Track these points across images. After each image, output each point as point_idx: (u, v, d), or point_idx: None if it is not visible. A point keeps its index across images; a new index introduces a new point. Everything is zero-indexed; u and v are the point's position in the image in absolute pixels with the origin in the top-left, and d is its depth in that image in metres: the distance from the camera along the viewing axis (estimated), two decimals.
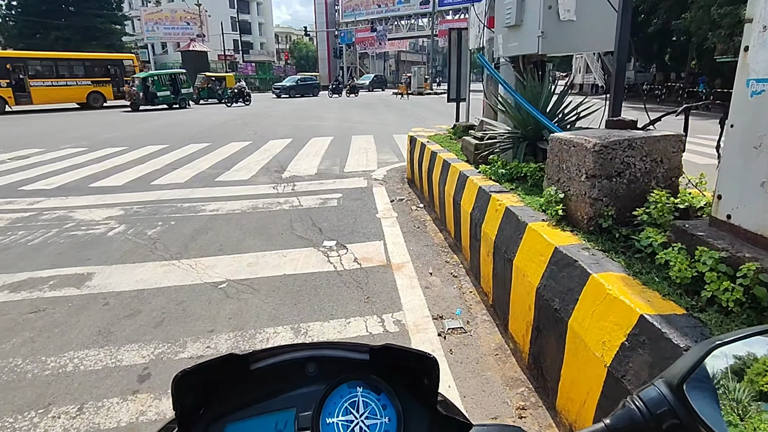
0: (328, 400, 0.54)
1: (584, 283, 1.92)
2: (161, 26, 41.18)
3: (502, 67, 4.40)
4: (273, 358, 0.55)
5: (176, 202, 5.86)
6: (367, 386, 0.55)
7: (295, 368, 0.56)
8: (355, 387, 0.55)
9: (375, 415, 0.54)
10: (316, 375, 0.56)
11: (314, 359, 0.56)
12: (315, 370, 0.56)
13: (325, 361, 0.56)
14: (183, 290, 3.42)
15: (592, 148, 2.24)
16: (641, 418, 0.46)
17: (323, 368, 0.56)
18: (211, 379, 0.53)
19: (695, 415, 0.43)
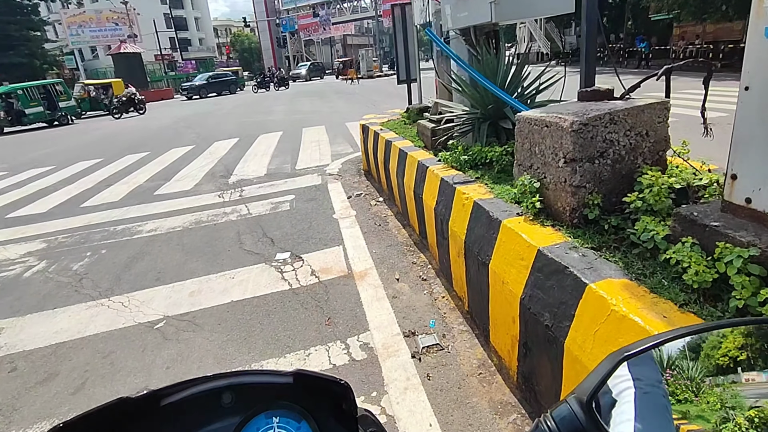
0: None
1: (580, 295, 1.58)
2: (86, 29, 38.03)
3: (452, 42, 4.01)
4: (184, 391, 0.52)
5: (109, 225, 5.20)
6: (286, 415, 0.53)
7: (210, 400, 0.53)
8: (271, 417, 0.53)
9: None
10: (233, 406, 0.53)
11: (231, 388, 0.54)
12: (231, 400, 0.53)
13: (244, 390, 0.53)
14: (112, 337, 2.90)
15: (570, 128, 1.89)
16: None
17: (241, 398, 0.53)
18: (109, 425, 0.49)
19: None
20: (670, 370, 0.46)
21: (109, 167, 8.78)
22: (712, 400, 0.44)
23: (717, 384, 0.45)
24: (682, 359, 0.46)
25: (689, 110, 7.67)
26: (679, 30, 22.69)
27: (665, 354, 0.46)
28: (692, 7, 17.42)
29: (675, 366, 0.46)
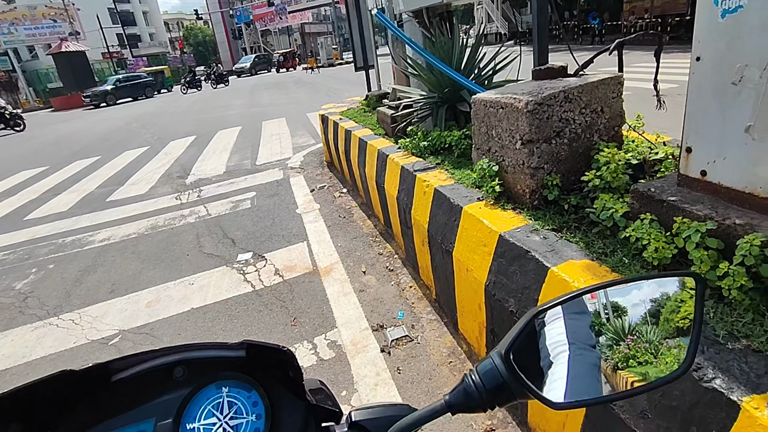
0: (191, 405, 0.52)
1: (542, 279, 1.54)
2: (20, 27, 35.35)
3: (405, 25, 3.90)
4: (136, 366, 0.52)
5: (57, 238, 4.88)
6: (236, 386, 0.53)
7: (162, 374, 0.53)
8: (221, 387, 0.53)
9: (241, 414, 0.52)
10: (185, 380, 0.53)
11: (183, 362, 0.53)
12: (183, 374, 0.53)
13: (196, 364, 0.54)
14: (62, 358, 2.71)
15: (525, 108, 1.83)
16: (476, 391, 0.47)
17: (193, 372, 0.53)
18: (56, 397, 0.50)
19: (521, 380, 0.45)
20: (631, 335, 0.48)
21: (56, 175, 8.26)
22: (670, 360, 0.47)
23: (675, 346, 0.47)
24: (643, 325, 0.48)
25: (642, 83, 7.87)
26: (629, 5, 23.28)
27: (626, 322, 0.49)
28: None
29: (635, 331, 0.48)
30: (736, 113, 1.15)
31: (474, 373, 0.48)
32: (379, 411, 0.56)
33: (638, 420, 1.15)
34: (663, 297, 0.49)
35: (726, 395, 0.95)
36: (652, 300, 0.49)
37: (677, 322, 0.48)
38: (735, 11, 1.08)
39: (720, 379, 0.98)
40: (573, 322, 0.49)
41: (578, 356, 0.48)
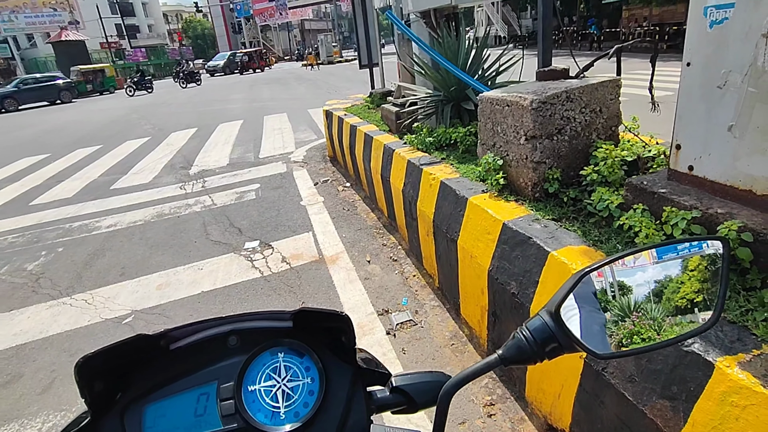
0: (250, 369, 0.55)
1: (543, 263, 1.68)
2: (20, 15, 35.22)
3: (413, 24, 4.03)
4: (193, 336, 0.56)
5: (64, 223, 4.97)
6: (289, 351, 0.57)
7: (217, 342, 0.56)
8: (276, 353, 0.56)
9: (297, 377, 0.56)
10: (239, 347, 0.56)
11: (236, 332, 0.57)
12: (237, 342, 0.57)
13: (247, 333, 0.57)
14: (77, 335, 2.81)
15: (530, 106, 1.97)
16: (528, 346, 0.52)
17: (246, 339, 0.57)
18: (125, 362, 0.53)
19: (569, 334, 0.50)
20: (636, 312, 0.52)
21: (58, 162, 8.31)
22: (672, 336, 0.51)
23: (676, 323, 0.51)
24: (647, 303, 0.52)
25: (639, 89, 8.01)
26: (628, 13, 23.58)
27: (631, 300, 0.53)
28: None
29: (640, 308, 0.52)
30: (720, 114, 1.29)
31: (524, 329, 0.52)
32: (418, 377, 0.60)
33: (627, 384, 1.29)
34: (666, 279, 0.53)
35: (703, 356, 1.09)
36: (656, 281, 0.53)
37: (677, 301, 0.52)
38: (721, 23, 1.22)
39: (698, 344, 1.12)
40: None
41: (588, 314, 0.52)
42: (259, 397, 0.53)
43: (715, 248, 0.53)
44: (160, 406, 0.53)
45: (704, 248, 0.54)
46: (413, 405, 0.58)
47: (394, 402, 0.59)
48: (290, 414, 0.54)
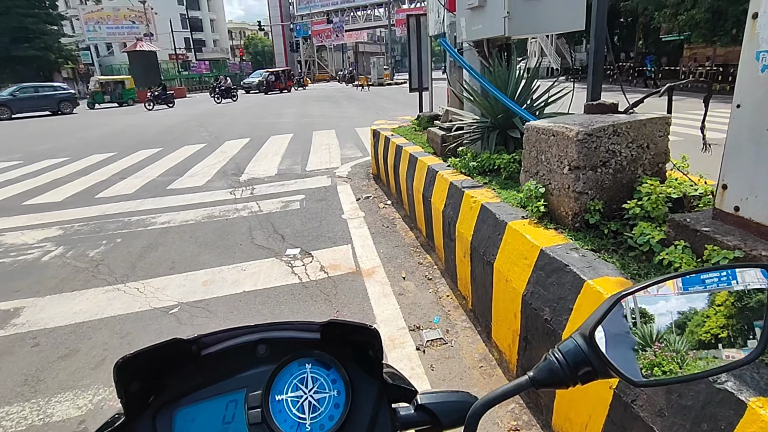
0: (277, 379, 0.55)
1: (578, 290, 1.70)
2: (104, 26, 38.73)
3: (465, 53, 4.16)
4: (223, 342, 0.56)
5: (123, 216, 5.35)
6: (317, 362, 0.56)
7: (246, 350, 0.57)
8: (304, 364, 0.56)
9: (324, 389, 0.55)
10: (267, 356, 0.57)
11: (265, 341, 0.57)
12: (266, 351, 0.57)
13: (276, 342, 0.57)
14: (129, 320, 3.03)
15: (575, 137, 2.02)
16: (560, 369, 0.50)
17: (274, 349, 0.57)
18: (158, 365, 0.54)
19: (604, 359, 0.48)
20: (659, 342, 0.51)
21: (122, 161, 8.97)
22: (713, 367, 0.49)
23: (700, 358, 0.50)
24: (669, 333, 0.51)
25: (693, 129, 7.81)
26: (689, 51, 22.90)
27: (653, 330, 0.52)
28: (703, 29, 17.61)
29: (662, 339, 0.51)
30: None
31: (557, 351, 0.51)
32: (444, 396, 0.59)
33: (656, 418, 1.29)
34: (690, 311, 0.51)
35: (736, 395, 1.09)
36: (680, 312, 0.51)
37: (701, 335, 0.50)
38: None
39: (732, 383, 1.12)
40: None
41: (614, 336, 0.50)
42: (285, 407, 0.54)
43: (746, 283, 0.51)
44: (190, 411, 0.54)
45: (733, 284, 0.52)
46: (438, 424, 0.57)
47: (419, 420, 0.58)
48: (315, 426, 0.54)
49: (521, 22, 3.28)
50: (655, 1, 18.85)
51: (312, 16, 52.70)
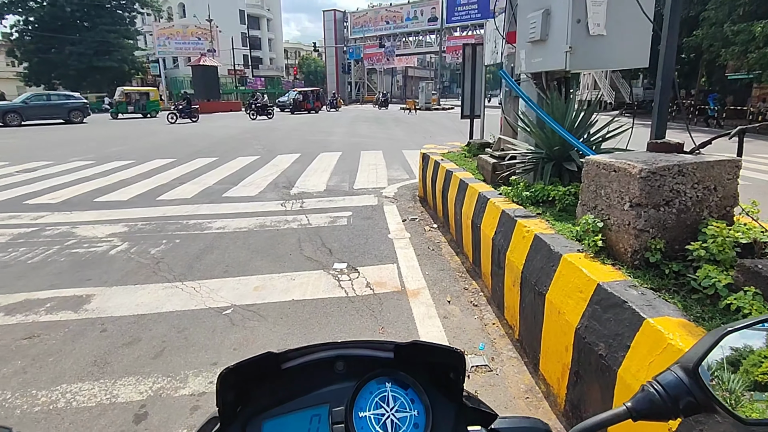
0: (358, 396, 0.56)
1: (636, 328, 1.69)
2: (173, 41, 41.74)
3: (522, 84, 4.22)
4: (303, 357, 0.58)
5: (182, 219, 5.69)
6: (395, 382, 0.57)
7: (324, 366, 0.59)
8: (383, 383, 0.57)
9: (404, 409, 0.56)
10: (344, 372, 0.59)
11: (342, 358, 0.59)
12: (343, 367, 0.59)
13: (352, 360, 0.59)
14: (186, 316, 3.22)
15: (638, 174, 2.02)
16: (660, 400, 0.49)
17: (351, 366, 0.59)
18: (248, 377, 0.56)
19: (710, 395, 0.47)
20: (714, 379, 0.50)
21: (182, 167, 9.53)
22: (755, 415, 0.48)
23: (756, 399, 0.48)
24: (722, 371, 0.50)
25: (761, 174, 7.42)
26: (759, 91, 21.83)
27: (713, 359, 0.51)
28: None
29: (716, 377, 0.50)
30: None
31: (655, 383, 0.50)
32: (516, 421, 0.59)
33: None
34: (745, 348, 0.50)
35: None
36: (733, 348, 0.50)
37: (757, 375, 0.48)
38: None
39: None
40: None
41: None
42: (368, 424, 0.54)
43: None
44: (277, 423, 0.56)
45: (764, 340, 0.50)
46: None
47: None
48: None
49: (583, 57, 3.32)
50: (723, 37, 18.17)
51: (365, 40, 54.45)
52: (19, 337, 2.95)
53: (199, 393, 2.39)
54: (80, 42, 36.46)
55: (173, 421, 2.19)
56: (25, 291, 3.62)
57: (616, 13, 3.22)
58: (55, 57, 36.53)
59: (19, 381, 2.51)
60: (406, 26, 50.68)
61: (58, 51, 36.57)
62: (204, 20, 42.62)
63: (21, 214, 5.99)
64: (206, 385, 2.45)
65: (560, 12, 3.34)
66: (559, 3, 3.35)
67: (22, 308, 3.34)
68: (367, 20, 54.31)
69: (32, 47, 37.12)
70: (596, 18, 3.14)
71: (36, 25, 37.11)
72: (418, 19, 49.28)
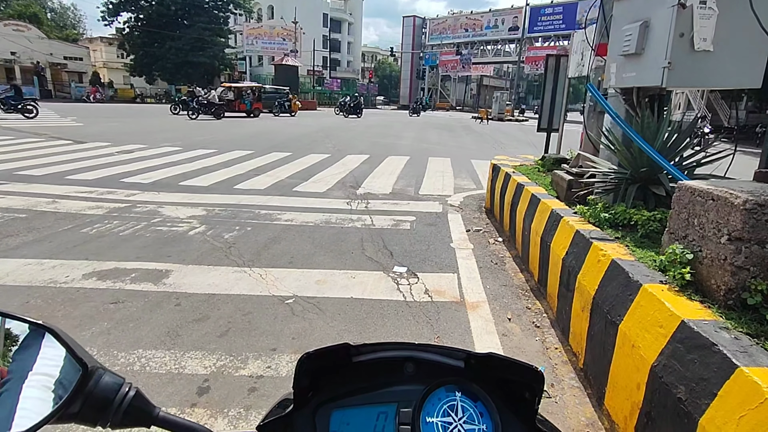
0: (427, 400, 0.55)
1: (727, 375, 1.52)
2: (260, 41, 44.32)
3: (610, 99, 3.98)
4: (375, 353, 0.58)
5: (254, 208, 6.00)
6: (465, 392, 0.56)
7: (394, 366, 0.58)
8: (453, 391, 0.56)
9: (473, 421, 0.54)
10: (414, 374, 0.58)
11: (413, 360, 0.58)
12: (413, 370, 0.58)
13: (423, 363, 0.58)
14: (251, 301, 3.38)
15: (742, 205, 1.82)
16: None
17: (420, 369, 0.58)
18: (323, 365, 0.56)
19: None
20: None
21: (258, 159, 10.06)
22: None
23: None
24: None
25: None
26: None
27: None
28: None
29: None
30: None
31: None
32: None
33: None
34: None
35: None
36: None
37: None
38: None
39: None
40: None
41: None
42: (435, 430, 0.53)
43: None
44: (345, 414, 0.56)
45: None
46: None
47: None
48: None
49: (683, 74, 3.06)
50: None
51: (442, 47, 54.29)
52: (108, 301, 3.26)
53: (258, 376, 2.49)
54: (179, 38, 39.82)
55: (231, 398, 2.30)
56: (115, 260, 3.99)
57: (727, 26, 2.93)
58: (157, 51, 40.17)
59: (104, 341, 2.77)
60: (485, 34, 49.88)
61: (159, 45, 40.18)
62: (290, 22, 44.82)
63: (117, 190, 6.63)
64: (264, 369, 2.55)
65: (661, 24, 3.11)
66: (660, 15, 3.12)
67: (111, 275, 3.69)
68: (445, 27, 54.16)
69: (139, 41, 41.12)
70: (703, 32, 2.88)
71: (144, 22, 41.05)
72: (498, 28, 48.32)
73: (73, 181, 7.05)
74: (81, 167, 8.21)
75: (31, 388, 0.46)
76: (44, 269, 3.73)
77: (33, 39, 36.31)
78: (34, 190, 6.40)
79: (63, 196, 6.14)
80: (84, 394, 0.47)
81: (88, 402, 0.47)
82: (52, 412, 0.45)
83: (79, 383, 0.47)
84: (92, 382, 0.48)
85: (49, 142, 11.36)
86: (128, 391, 0.50)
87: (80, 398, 0.47)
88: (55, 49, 38.61)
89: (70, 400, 0.46)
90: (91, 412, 0.48)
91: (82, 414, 0.47)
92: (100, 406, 0.48)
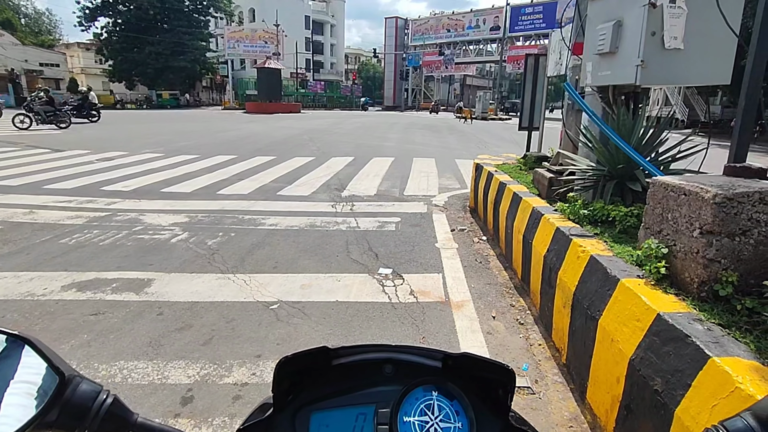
0: (404, 401, 0.56)
1: (700, 366, 1.55)
2: (242, 44, 44.02)
3: (587, 97, 4.05)
4: (354, 356, 0.59)
5: (238, 214, 5.95)
6: (442, 392, 0.57)
7: (373, 368, 0.59)
8: (430, 391, 0.57)
9: (449, 420, 0.55)
10: (392, 376, 0.59)
11: (392, 361, 0.59)
12: (392, 371, 0.59)
13: (401, 364, 0.59)
14: (235, 307, 3.35)
15: (712, 199, 1.87)
16: None
17: (399, 370, 0.59)
18: (302, 368, 0.57)
19: None
20: None
21: (242, 164, 9.97)
22: None
23: None
24: None
25: None
26: None
27: None
28: None
29: None
30: None
31: (722, 428, 0.48)
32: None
33: None
34: None
35: None
36: None
37: None
38: None
39: None
40: None
41: None
42: (412, 430, 0.55)
43: None
44: (325, 416, 0.57)
45: None
46: None
47: None
48: None
49: (656, 72, 3.13)
50: None
51: (425, 47, 54.55)
52: (87, 313, 3.20)
53: (242, 383, 2.47)
54: (159, 43, 39.33)
55: (216, 407, 2.28)
56: (95, 271, 3.92)
57: (696, 25, 3.01)
58: (136, 56, 39.62)
59: (84, 353, 2.72)
60: (467, 35, 50.25)
61: (139, 50, 39.64)
62: (272, 25, 44.56)
63: (97, 199, 6.51)
64: (249, 376, 2.53)
65: (633, 23, 3.18)
66: (632, 14, 3.19)
67: (91, 286, 3.62)
68: (428, 28, 54.43)
69: (118, 47, 40.50)
70: (674, 31, 2.95)
71: (123, 27, 40.44)
72: (480, 28, 48.74)
73: (51, 191, 6.91)
74: (59, 176, 8.05)
75: (10, 397, 0.46)
76: (21, 282, 3.64)
77: (6, 45, 35.51)
78: (9, 201, 6.26)
79: (40, 206, 6.01)
80: (61, 402, 0.47)
81: (65, 410, 0.47)
82: (28, 422, 0.45)
83: (56, 392, 0.47)
84: (69, 390, 0.48)
85: (25, 151, 11.12)
86: (106, 398, 0.50)
87: (57, 407, 0.47)
88: (30, 56, 37.83)
89: (46, 409, 0.46)
90: (69, 420, 0.48)
91: (60, 422, 0.47)
92: (78, 414, 0.48)
